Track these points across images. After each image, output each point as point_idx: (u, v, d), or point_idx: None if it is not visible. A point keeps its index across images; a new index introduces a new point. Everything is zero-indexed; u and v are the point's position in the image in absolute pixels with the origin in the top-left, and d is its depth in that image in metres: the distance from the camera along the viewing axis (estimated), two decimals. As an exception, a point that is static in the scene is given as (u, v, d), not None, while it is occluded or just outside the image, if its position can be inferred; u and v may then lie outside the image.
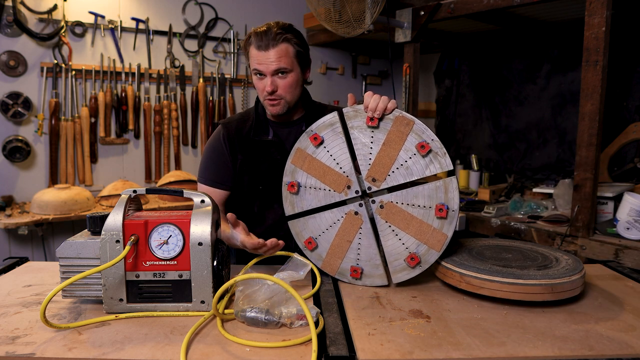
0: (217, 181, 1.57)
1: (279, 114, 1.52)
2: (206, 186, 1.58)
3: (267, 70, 1.45)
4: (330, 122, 1.28)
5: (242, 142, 1.57)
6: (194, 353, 0.89)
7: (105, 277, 1.05)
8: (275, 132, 1.59)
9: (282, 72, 1.46)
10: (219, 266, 1.07)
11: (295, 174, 1.32)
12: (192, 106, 3.64)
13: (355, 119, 1.26)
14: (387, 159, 1.22)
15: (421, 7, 2.89)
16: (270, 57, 1.44)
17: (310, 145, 1.30)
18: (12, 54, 3.01)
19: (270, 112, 1.53)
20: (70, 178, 3.22)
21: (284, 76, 1.47)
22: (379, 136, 1.23)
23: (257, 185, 1.56)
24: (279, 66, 1.44)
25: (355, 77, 4.44)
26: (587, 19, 2.11)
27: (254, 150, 1.56)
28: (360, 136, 1.25)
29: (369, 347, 0.90)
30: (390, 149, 1.22)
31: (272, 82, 1.46)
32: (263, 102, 1.53)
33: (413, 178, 1.20)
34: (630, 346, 0.92)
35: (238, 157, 1.56)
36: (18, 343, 0.92)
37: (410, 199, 1.21)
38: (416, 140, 1.18)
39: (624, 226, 2.18)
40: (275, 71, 1.45)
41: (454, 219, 1.17)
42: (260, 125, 1.58)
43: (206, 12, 3.65)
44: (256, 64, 1.47)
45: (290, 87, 1.49)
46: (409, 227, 1.21)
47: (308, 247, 1.31)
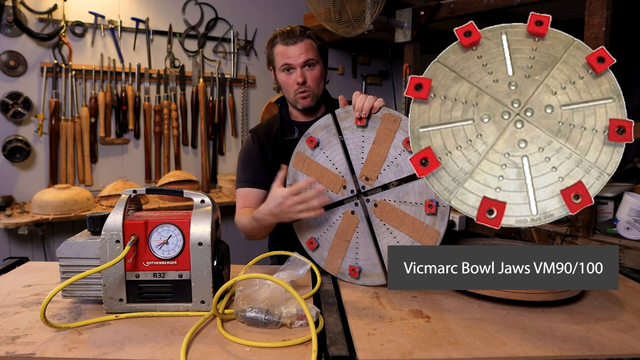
0: (256, 181, 1.61)
1: (310, 106, 1.58)
2: (246, 188, 1.62)
3: (297, 62, 1.54)
4: (324, 125, 1.31)
5: (271, 143, 1.63)
6: (194, 353, 0.89)
7: (105, 277, 1.05)
8: (301, 131, 1.63)
9: (310, 64, 1.55)
10: (219, 266, 1.08)
11: (297, 176, 1.34)
12: (192, 106, 3.64)
13: (346, 119, 1.29)
14: (378, 157, 1.24)
15: (421, 7, 2.89)
16: (299, 50, 1.53)
17: (308, 148, 1.33)
18: (12, 54, 3.01)
19: (302, 105, 1.58)
20: (70, 178, 3.22)
21: (311, 68, 1.56)
22: (369, 135, 1.25)
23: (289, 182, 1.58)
24: (307, 57, 1.54)
25: (355, 77, 4.44)
26: (587, 19, 2.11)
27: (282, 150, 1.60)
28: (352, 136, 1.28)
29: (369, 347, 0.90)
30: (380, 147, 1.23)
31: (302, 73, 1.54)
32: (294, 97, 1.58)
33: (404, 175, 1.21)
34: (630, 346, 0.92)
35: (269, 157, 1.62)
36: (18, 343, 0.92)
37: (402, 196, 1.21)
38: (404, 136, 1.19)
39: (624, 226, 2.18)
40: (304, 62, 1.54)
41: (445, 215, 1.16)
42: (286, 126, 1.65)
43: (206, 12, 3.65)
44: (285, 59, 1.55)
45: (317, 79, 1.58)
46: (402, 225, 1.21)
47: (310, 247, 1.32)
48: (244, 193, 1.61)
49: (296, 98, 1.58)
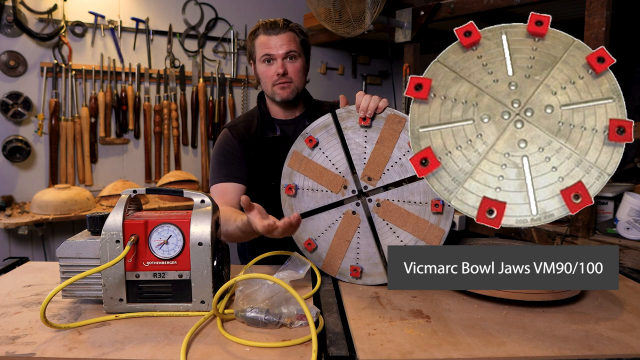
0: (234, 175, 1.54)
1: (289, 98, 1.54)
2: (223, 183, 1.53)
3: (278, 53, 1.51)
4: (324, 124, 1.31)
5: (252, 140, 1.58)
6: (194, 353, 0.89)
7: (105, 277, 1.05)
8: (282, 128, 1.61)
9: (292, 56, 1.52)
10: (219, 266, 1.08)
11: (293, 176, 1.33)
12: (192, 106, 3.64)
13: (348, 119, 1.28)
14: (382, 157, 1.24)
15: (421, 7, 2.89)
16: (281, 41, 1.50)
17: (306, 147, 1.32)
18: (12, 54, 3.01)
19: (280, 97, 1.54)
20: (70, 178, 3.22)
21: (293, 61, 1.53)
22: (372, 135, 1.25)
23: (270, 181, 1.55)
24: (289, 48, 1.51)
25: (355, 77, 4.43)
26: (587, 19, 2.11)
27: (263, 148, 1.57)
28: (354, 136, 1.27)
29: (369, 347, 0.90)
30: (384, 147, 1.24)
31: (282, 64, 1.51)
32: (272, 88, 1.54)
33: (408, 175, 1.21)
34: (630, 346, 0.92)
35: (251, 154, 1.57)
36: (18, 343, 0.92)
37: (406, 195, 1.22)
38: (408, 137, 1.19)
39: (624, 226, 2.18)
40: (285, 54, 1.51)
41: (451, 214, 1.17)
42: (266, 123, 1.60)
43: (206, 12, 3.65)
44: (266, 49, 1.51)
45: (299, 72, 1.54)
46: (406, 224, 1.21)
47: (308, 248, 1.31)
48: (222, 189, 1.53)
49: (274, 89, 1.53)
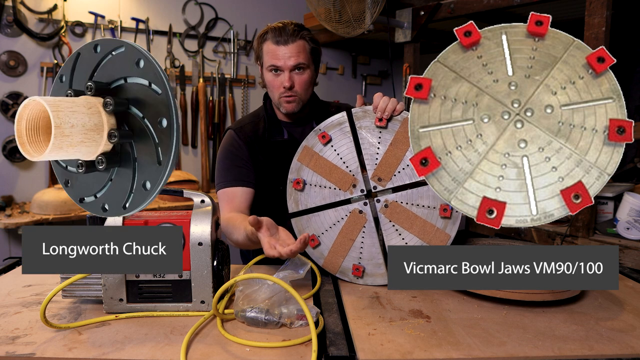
0: (242, 179, 1.50)
1: (294, 111, 1.51)
2: (232, 188, 1.49)
3: (286, 65, 1.44)
4: (338, 122, 1.31)
5: (260, 143, 1.54)
6: (194, 353, 0.89)
7: (105, 277, 1.05)
8: (289, 132, 1.58)
9: (300, 68, 1.46)
10: (219, 266, 1.08)
11: (301, 171, 1.33)
12: (192, 106, 3.64)
13: (363, 119, 1.29)
14: (394, 159, 1.25)
15: (421, 7, 2.89)
16: (289, 52, 1.43)
17: (318, 143, 1.31)
18: (12, 54, 3.01)
19: (285, 110, 1.51)
20: (70, 178, 3.22)
21: (300, 72, 1.47)
22: (386, 137, 1.26)
23: (278, 186, 1.50)
24: (297, 61, 1.45)
25: (355, 77, 4.44)
26: (587, 19, 2.11)
27: (271, 152, 1.54)
28: (368, 136, 1.28)
29: (369, 347, 0.90)
30: (397, 149, 1.24)
31: (289, 77, 1.45)
32: (278, 99, 1.50)
33: (419, 179, 1.21)
34: (630, 346, 0.92)
35: (259, 158, 1.53)
36: (18, 343, 0.92)
37: (416, 199, 1.23)
38: None
39: (624, 226, 2.18)
40: (293, 66, 1.45)
41: (458, 219, 1.18)
42: (274, 126, 1.56)
43: (206, 12, 3.65)
44: (273, 60, 1.45)
45: (306, 84, 1.49)
46: (413, 227, 1.22)
47: (310, 244, 1.31)
48: (230, 194, 1.49)
49: (280, 101, 1.50)
